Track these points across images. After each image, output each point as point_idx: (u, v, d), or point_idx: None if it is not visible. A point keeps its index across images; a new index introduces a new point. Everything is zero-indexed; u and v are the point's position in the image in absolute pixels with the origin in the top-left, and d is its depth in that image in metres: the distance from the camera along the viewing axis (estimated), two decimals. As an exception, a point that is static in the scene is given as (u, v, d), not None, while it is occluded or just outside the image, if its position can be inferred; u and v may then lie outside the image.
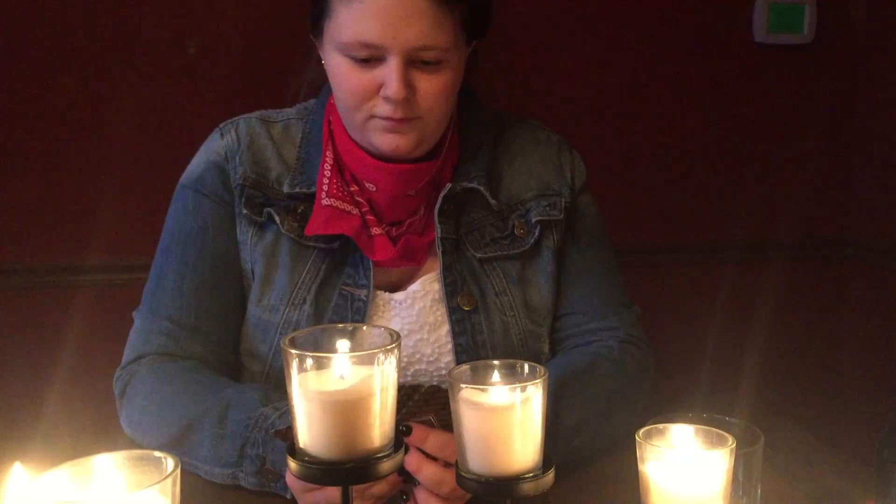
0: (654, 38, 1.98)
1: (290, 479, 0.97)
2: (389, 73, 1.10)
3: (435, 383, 0.82)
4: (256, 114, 1.28)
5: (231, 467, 1.04)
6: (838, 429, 2.11)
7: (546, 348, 1.28)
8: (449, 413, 0.85)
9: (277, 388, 1.21)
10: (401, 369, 1.21)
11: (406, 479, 0.94)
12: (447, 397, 0.83)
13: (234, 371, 1.28)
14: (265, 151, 1.24)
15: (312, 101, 1.30)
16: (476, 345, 1.20)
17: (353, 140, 1.20)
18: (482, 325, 1.21)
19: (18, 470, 0.60)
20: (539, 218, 1.25)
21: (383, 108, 1.13)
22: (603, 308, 1.29)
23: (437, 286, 1.22)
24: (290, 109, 1.30)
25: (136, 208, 1.75)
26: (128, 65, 1.74)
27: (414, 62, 1.11)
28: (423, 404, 0.78)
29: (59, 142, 1.74)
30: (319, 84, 1.29)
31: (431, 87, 1.13)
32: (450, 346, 1.21)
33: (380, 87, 1.12)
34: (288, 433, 0.86)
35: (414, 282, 1.23)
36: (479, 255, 1.23)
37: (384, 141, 1.15)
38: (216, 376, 1.16)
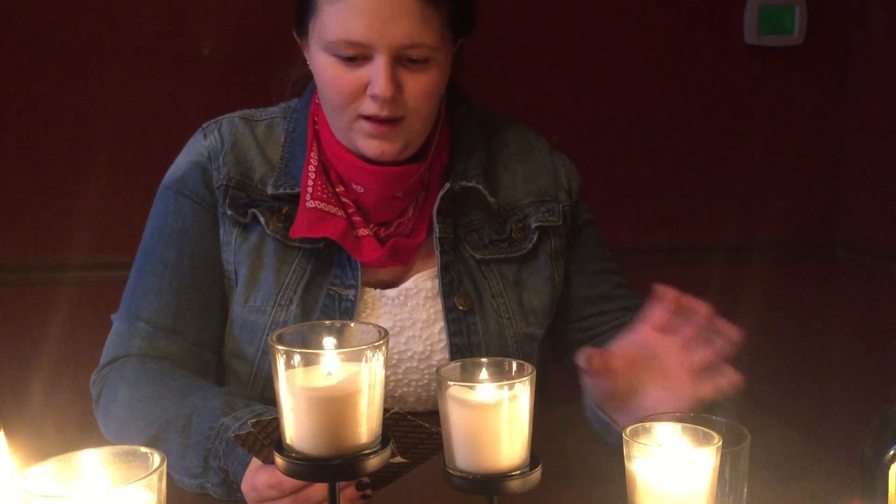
0: (644, 39, 1.98)
1: (245, 488, 0.96)
2: (376, 71, 1.10)
3: (399, 410, 0.82)
4: (240, 113, 1.28)
5: (198, 478, 1.03)
6: (825, 429, 2.12)
7: (537, 349, 1.28)
8: (410, 442, 0.85)
9: (265, 389, 1.21)
10: (391, 367, 1.21)
11: (364, 494, 0.93)
12: (412, 425, 0.82)
13: (215, 371, 1.28)
14: (249, 151, 1.23)
15: (296, 100, 1.29)
16: (471, 345, 1.21)
17: (339, 142, 1.20)
18: (478, 325, 1.22)
19: (1, 438, 0.59)
20: (538, 224, 1.26)
21: (370, 107, 1.12)
22: (619, 307, 1.30)
23: (430, 284, 1.22)
24: (274, 108, 1.29)
25: (119, 206, 1.74)
26: (112, 62, 1.74)
27: (401, 60, 1.11)
28: (385, 429, 0.78)
29: (42, 139, 1.74)
30: (304, 83, 1.28)
31: (418, 85, 1.12)
32: (442, 343, 1.21)
33: (366, 85, 1.11)
34: (248, 438, 0.86)
35: (406, 279, 1.23)
36: (477, 256, 1.23)
37: (369, 146, 1.15)
38: (187, 379, 1.14)
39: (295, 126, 1.25)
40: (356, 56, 1.11)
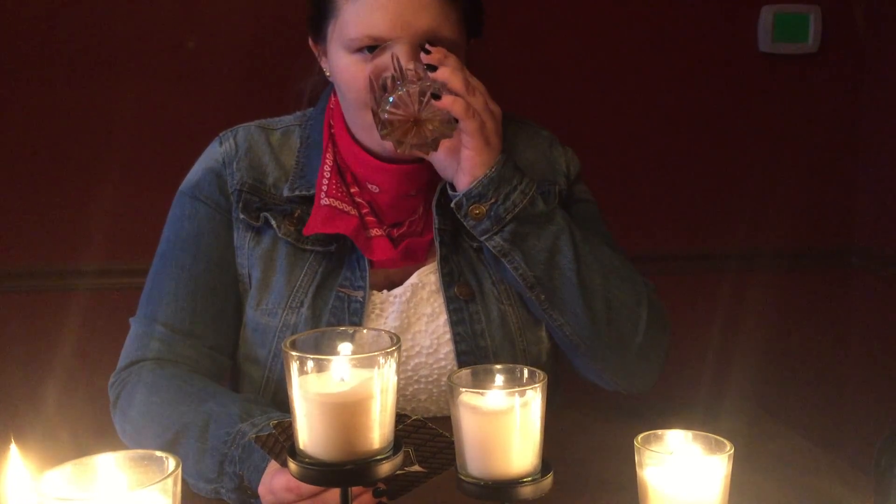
0: (657, 47, 1.98)
1: (262, 491, 0.97)
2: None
3: (420, 417, 0.82)
4: (256, 122, 1.30)
5: (213, 483, 1.04)
6: (839, 437, 2.11)
7: (544, 335, 1.28)
8: (429, 451, 0.85)
9: (278, 392, 1.22)
10: (400, 364, 1.21)
11: (381, 503, 0.94)
12: (431, 433, 0.83)
13: (230, 375, 1.29)
14: (263, 157, 1.25)
15: (311, 108, 1.31)
16: (475, 333, 1.21)
17: (356, 143, 1.22)
18: (480, 313, 1.22)
19: (14, 452, 0.60)
20: None
21: None
22: None
23: (433, 278, 1.23)
24: (289, 116, 1.32)
25: (134, 212, 1.76)
26: (129, 70, 1.76)
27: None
28: (405, 436, 0.78)
29: (58, 145, 1.75)
30: (320, 92, 1.31)
31: None
32: (448, 336, 1.22)
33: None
34: (268, 440, 0.86)
35: (411, 275, 1.24)
36: (475, 245, 1.24)
37: None
38: (204, 384, 1.15)
39: (310, 132, 1.27)
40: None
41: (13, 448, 0.61)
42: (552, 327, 1.22)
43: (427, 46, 1.12)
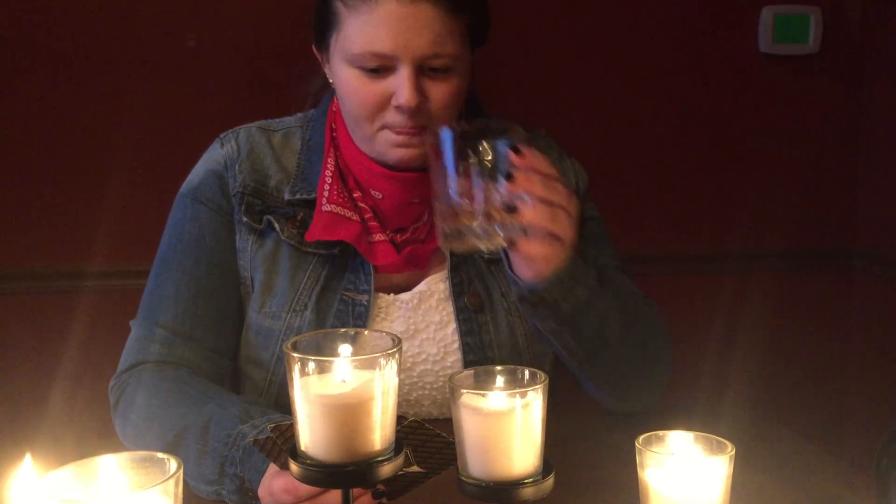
0: (658, 48, 1.98)
1: (261, 493, 0.97)
2: (401, 82, 1.11)
3: (417, 418, 0.82)
4: (257, 123, 1.30)
5: (214, 484, 1.04)
6: (841, 438, 2.11)
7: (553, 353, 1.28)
8: (427, 451, 0.85)
9: (281, 395, 1.22)
10: (406, 370, 1.22)
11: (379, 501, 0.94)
12: (429, 434, 0.83)
13: (231, 378, 1.29)
14: (265, 159, 1.25)
15: (313, 110, 1.31)
16: (483, 344, 1.22)
17: (360, 149, 1.21)
18: (489, 324, 1.23)
19: (28, 462, 0.60)
20: None
21: (395, 118, 1.14)
22: None
23: (442, 286, 1.23)
24: (290, 118, 1.32)
25: (137, 215, 1.76)
26: (133, 72, 1.76)
27: (423, 70, 1.12)
28: (402, 437, 0.79)
29: (63, 148, 1.76)
30: (322, 94, 1.31)
31: (441, 94, 1.14)
32: (455, 345, 1.22)
33: (390, 96, 1.13)
34: (266, 443, 0.86)
35: (420, 282, 1.24)
36: (486, 256, 1.24)
37: (393, 154, 1.17)
38: (205, 386, 1.15)
39: (312, 134, 1.27)
40: (380, 67, 1.12)
41: (27, 458, 0.61)
42: (581, 378, 1.21)
43: (512, 163, 1.00)
